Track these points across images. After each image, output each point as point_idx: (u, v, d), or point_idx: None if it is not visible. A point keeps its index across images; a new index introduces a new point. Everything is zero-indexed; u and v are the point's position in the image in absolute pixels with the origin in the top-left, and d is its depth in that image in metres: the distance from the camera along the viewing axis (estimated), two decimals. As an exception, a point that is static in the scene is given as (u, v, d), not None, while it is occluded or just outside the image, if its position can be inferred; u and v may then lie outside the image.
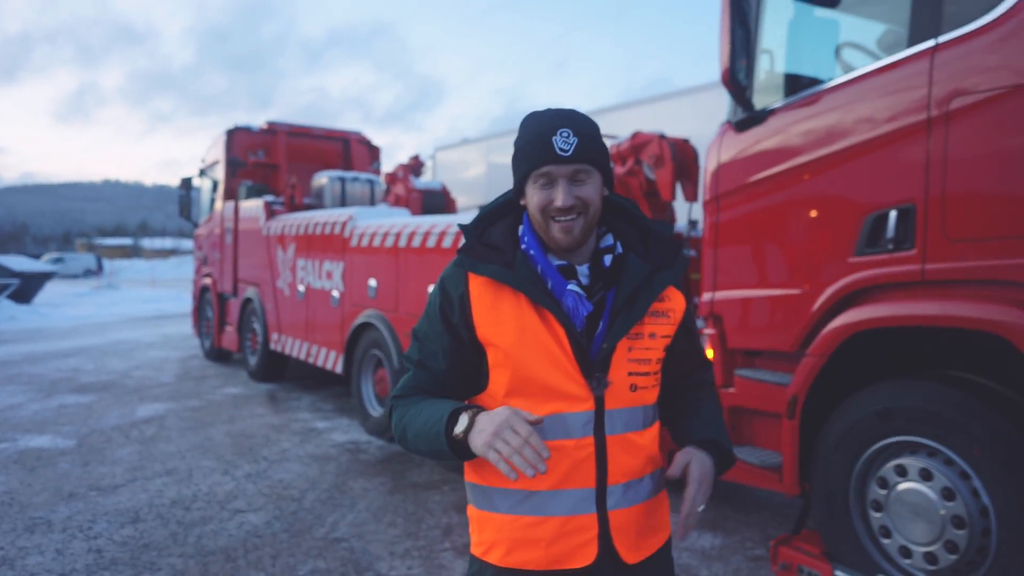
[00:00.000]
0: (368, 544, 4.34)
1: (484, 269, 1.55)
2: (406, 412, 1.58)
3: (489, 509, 1.61)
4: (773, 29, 3.65)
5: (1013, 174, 2.67)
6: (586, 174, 1.53)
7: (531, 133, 1.55)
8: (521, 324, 1.53)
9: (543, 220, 1.54)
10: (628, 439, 1.58)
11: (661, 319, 1.62)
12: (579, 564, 1.54)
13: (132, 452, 6.21)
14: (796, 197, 3.43)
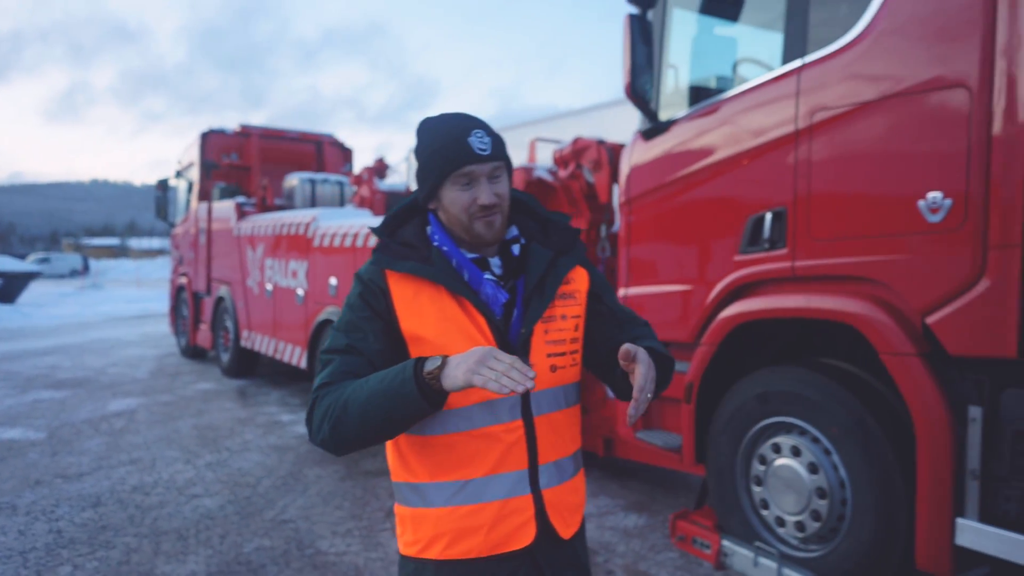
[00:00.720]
0: (313, 525, 4.64)
1: (402, 265, 1.58)
2: (342, 392, 1.50)
3: (424, 506, 1.62)
4: (679, 46, 3.97)
5: (862, 182, 3.00)
6: (501, 171, 1.61)
7: (445, 136, 1.59)
8: (443, 315, 1.57)
9: (466, 219, 1.59)
10: (554, 419, 1.63)
11: (569, 300, 1.69)
12: (520, 545, 1.58)
13: (100, 443, 6.49)
14: (692, 200, 3.76)
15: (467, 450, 1.57)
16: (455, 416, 1.57)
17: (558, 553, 1.64)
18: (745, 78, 3.78)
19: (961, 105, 2.67)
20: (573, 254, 1.71)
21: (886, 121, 2.91)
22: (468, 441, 1.57)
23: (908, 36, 2.85)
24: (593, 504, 5.03)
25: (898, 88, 2.86)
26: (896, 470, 2.91)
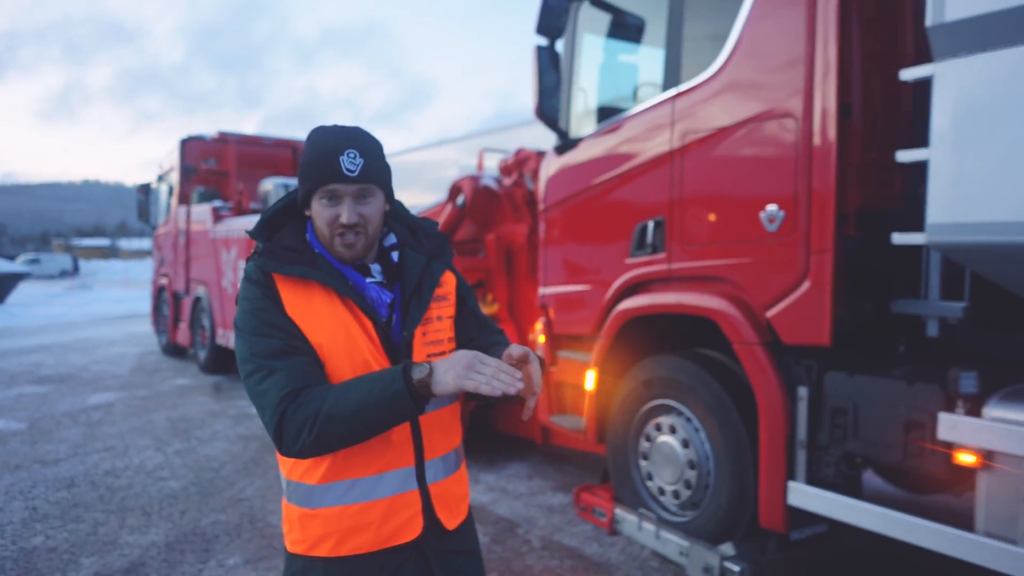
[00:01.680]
0: (267, 503, 5.11)
1: (291, 269, 1.58)
2: (319, 403, 1.50)
3: (312, 506, 1.64)
4: (588, 70, 4.45)
5: (719, 195, 3.49)
6: (370, 193, 1.62)
7: (319, 150, 1.60)
8: (333, 318, 1.60)
9: (328, 234, 1.62)
10: (438, 416, 1.70)
11: (443, 302, 1.77)
12: (408, 538, 1.64)
13: (77, 433, 6.95)
14: (594, 209, 4.24)
15: (356, 450, 1.59)
16: None
17: (444, 543, 1.71)
18: (642, 100, 4.27)
19: (790, 132, 3.17)
20: (444, 259, 1.79)
21: (736, 144, 3.40)
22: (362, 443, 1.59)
23: (752, 74, 3.34)
24: (526, 486, 5.51)
25: (744, 116, 3.35)
26: (745, 443, 3.40)
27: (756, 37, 3.34)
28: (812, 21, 3.10)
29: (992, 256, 2.65)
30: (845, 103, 3.07)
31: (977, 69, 2.58)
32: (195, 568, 4.05)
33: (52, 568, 4.02)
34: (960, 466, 2.72)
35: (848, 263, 3.10)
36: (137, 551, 4.26)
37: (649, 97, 3.93)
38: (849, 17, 3.08)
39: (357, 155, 1.59)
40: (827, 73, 3.05)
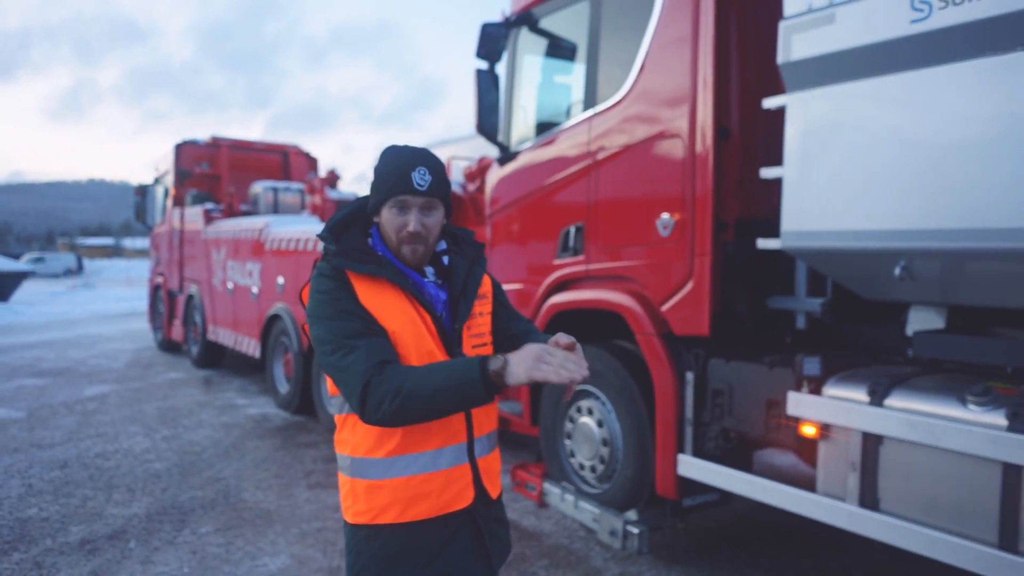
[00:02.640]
0: (242, 482, 5.61)
1: (363, 268, 1.79)
2: (401, 382, 1.65)
3: (380, 478, 1.82)
4: (527, 88, 4.94)
5: (624, 204, 3.97)
6: (434, 206, 1.84)
7: (393, 165, 1.82)
8: (401, 311, 1.79)
9: (395, 239, 1.84)
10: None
11: (483, 300, 1.99)
12: (462, 505, 1.85)
13: (73, 421, 7.45)
14: (529, 215, 4.73)
15: (422, 429, 1.80)
16: None
17: (489, 511, 1.94)
18: (570, 118, 4.75)
19: (679, 151, 3.65)
20: (482, 263, 2.02)
21: (638, 159, 3.88)
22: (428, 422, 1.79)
23: (650, 100, 3.82)
24: (481, 467, 6.00)
25: (644, 136, 3.84)
26: (647, 422, 3.88)
27: (653, 69, 3.82)
28: (695, 58, 3.58)
29: (829, 259, 3.14)
30: (723, 126, 3.55)
31: (815, 101, 3.06)
32: (171, 535, 4.55)
33: (44, 534, 4.52)
34: (805, 437, 3.20)
35: (727, 265, 3.58)
36: (120, 521, 4.76)
37: (574, 116, 4.41)
38: (728, 54, 3.57)
39: (427, 172, 1.80)
40: (706, 101, 3.53)
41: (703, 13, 3.56)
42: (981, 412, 2.64)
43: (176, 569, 4.07)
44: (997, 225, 2.54)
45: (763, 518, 4.78)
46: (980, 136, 2.58)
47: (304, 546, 4.40)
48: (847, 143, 2.98)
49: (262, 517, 4.87)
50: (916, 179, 2.75)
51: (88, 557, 4.21)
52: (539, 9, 4.69)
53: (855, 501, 2.98)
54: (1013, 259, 2.56)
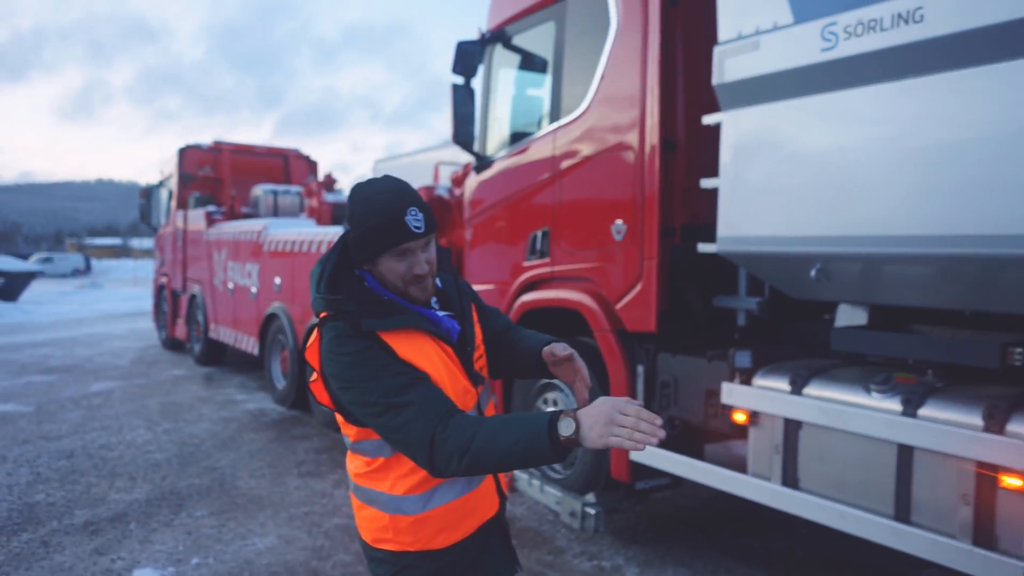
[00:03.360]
0: (237, 470, 5.96)
1: (391, 322, 1.71)
2: (468, 440, 1.59)
3: (426, 510, 1.78)
4: (500, 101, 5.26)
5: (585, 210, 4.30)
6: (431, 240, 1.78)
7: (381, 215, 1.70)
8: (434, 352, 1.76)
9: (402, 285, 1.76)
10: (491, 406, 2.00)
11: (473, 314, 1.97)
12: (494, 512, 1.90)
13: (79, 415, 7.82)
14: (501, 220, 5.06)
15: None
16: None
17: (503, 509, 1.99)
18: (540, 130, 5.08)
19: (631, 162, 3.97)
20: (457, 274, 2.01)
21: (596, 170, 4.21)
22: None
23: (606, 114, 4.14)
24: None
25: (601, 148, 4.16)
26: (604, 411, 4.20)
27: (609, 87, 4.14)
28: (644, 78, 3.91)
29: (757, 262, 3.46)
30: (669, 140, 3.87)
31: (744, 119, 3.39)
32: (168, 518, 4.89)
33: (50, 517, 4.87)
34: (737, 423, 3.52)
35: (676, 267, 3.91)
36: (122, 505, 5.11)
37: (542, 127, 4.74)
38: (675, 74, 3.90)
39: (417, 211, 1.71)
40: (653, 117, 3.86)
41: (651, 37, 3.89)
42: (881, 399, 2.96)
43: (172, 547, 4.41)
44: (900, 232, 2.85)
45: (721, 503, 5.10)
46: (882, 152, 2.90)
47: (291, 528, 4.74)
48: (770, 157, 3.30)
49: (254, 502, 5.22)
50: (827, 190, 3.07)
51: (91, 537, 4.55)
52: (511, 27, 5.01)
53: (779, 480, 3.31)
54: (915, 262, 2.88)
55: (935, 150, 2.74)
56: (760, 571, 4.12)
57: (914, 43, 2.74)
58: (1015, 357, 2.76)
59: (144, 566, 4.15)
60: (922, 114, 2.78)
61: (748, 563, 4.22)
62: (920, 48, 2.72)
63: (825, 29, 3.01)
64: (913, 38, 2.74)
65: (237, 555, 4.32)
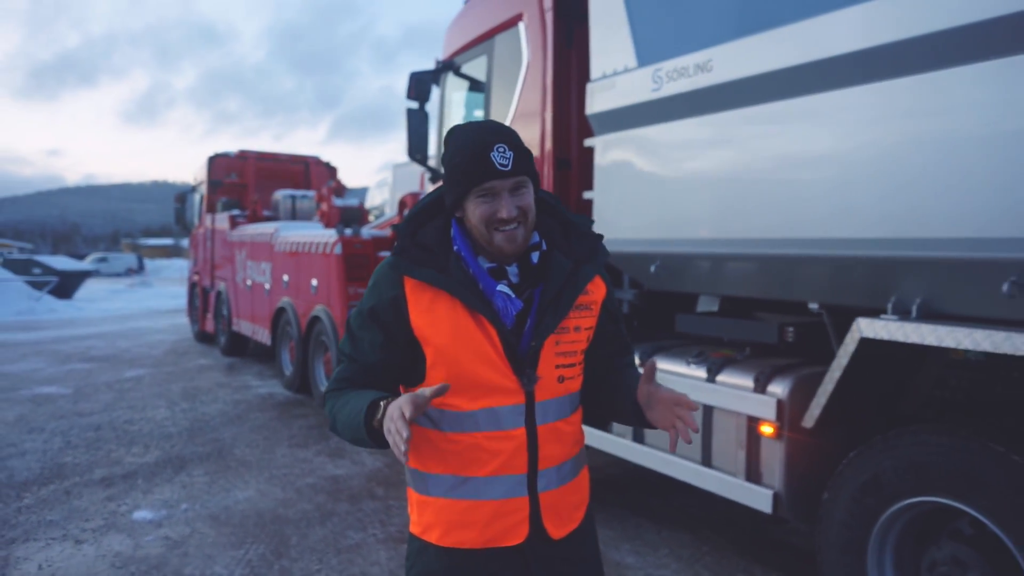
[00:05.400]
0: (236, 441, 6.89)
1: (420, 273, 1.60)
2: (335, 403, 1.64)
3: (425, 493, 1.69)
4: (452, 120, 6.08)
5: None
6: (523, 185, 1.60)
7: (467, 150, 1.58)
8: (455, 325, 1.58)
9: (486, 231, 1.59)
10: (556, 428, 1.68)
11: (584, 312, 1.71)
12: (512, 542, 1.64)
13: (110, 397, 8.87)
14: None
15: (472, 450, 1.62)
16: (464, 418, 1.62)
17: (549, 551, 1.69)
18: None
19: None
20: (594, 263, 1.73)
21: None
22: (474, 442, 1.62)
23: (521, 124, 4.93)
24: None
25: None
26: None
27: (522, 110, 4.93)
28: (543, 104, 4.69)
29: (620, 261, 4.21)
30: (563, 159, 4.65)
31: (606, 143, 4.15)
32: (170, 476, 5.83)
33: (74, 474, 5.85)
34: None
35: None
36: (134, 466, 6.07)
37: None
38: (568, 103, 4.66)
39: (506, 148, 1.57)
40: (548, 138, 4.64)
41: (547, 71, 4.67)
42: (694, 369, 3.71)
43: (168, 497, 5.34)
44: (707, 236, 3.59)
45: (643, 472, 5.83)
46: (690, 173, 3.64)
47: (270, 484, 5.63)
48: (622, 174, 4.07)
49: (244, 465, 6.13)
50: (656, 202, 3.83)
51: (104, 489, 5.51)
52: (459, 58, 5.82)
53: (631, 437, 4.07)
54: (724, 260, 3.61)
55: (730, 172, 3.48)
56: (667, 530, 4.86)
57: (708, 87, 3.48)
58: (788, 335, 3.48)
59: (143, 509, 5.07)
60: (716, 143, 3.52)
61: (655, 522, 4.96)
62: (712, 91, 3.47)
63: (655, 73, 3.77)
64: (707, 83, 3.48)
65: (219, 503, 5.22)
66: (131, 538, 4.56)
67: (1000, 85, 2.42)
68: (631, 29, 3.96)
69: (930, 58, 2.59)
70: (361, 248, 8.19)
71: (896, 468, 2.74)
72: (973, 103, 2.50)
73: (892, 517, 2.80)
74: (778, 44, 3.14)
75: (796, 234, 3.18)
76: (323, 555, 4.32)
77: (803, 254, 3.15)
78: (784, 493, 3.21)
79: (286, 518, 4.94)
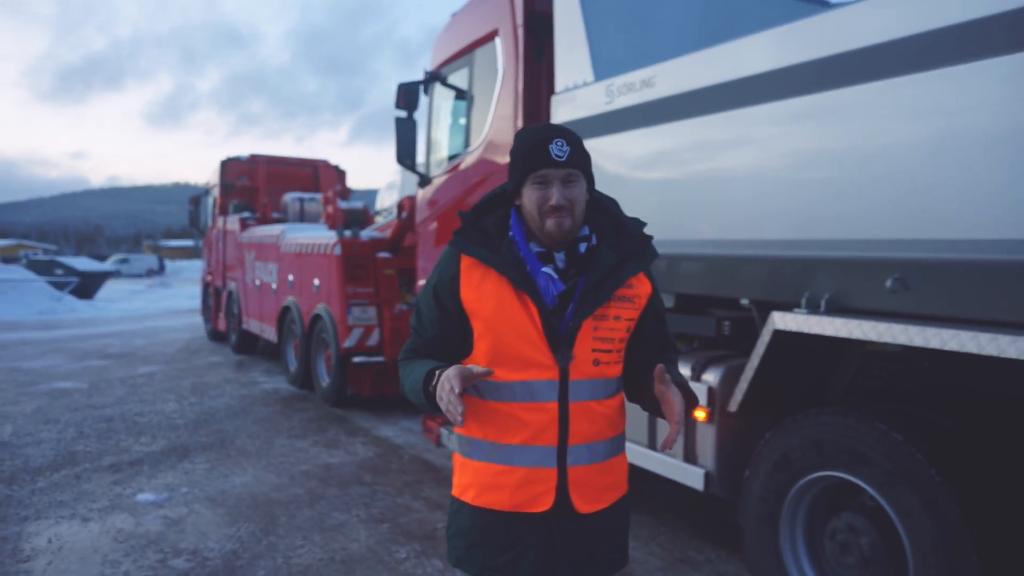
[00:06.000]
0: (238, 432, 7.27)
1: (473, 251, 1.80)
2: (403, 370, 1.89)
3: (468, 456, 1.87)
4: (439, 129, 6.42)
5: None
6: (575, 178, 1.77)
7: (529, 141, 1.79)
8: (500, 301, 1.76)
9: (538, 216, 1.76)
10: (589, 407, 1.80)
11: (626, 304, 1.84)
12: (537, 509, 1.78)
13: (123, 391, 9.30)
14: (436, 226, 6.21)
15: (508, 419, 1.78)
16: (503, 388, 1.79)
17: (574, 524, 1.82)
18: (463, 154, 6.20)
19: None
20: (641, 260, 1.88)
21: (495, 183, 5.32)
22: (510, 411, 1.78)
23: (493, 146, 5.26)
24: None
25: (490, 171, 5.28)
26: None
27: (497, 120, 5.26)
28: (516, 113, 5.01)
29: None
30: (533, 165, 4.96)
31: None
32: (173, 463, 6.22)
33: (84, 460, 6.25)
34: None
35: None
36: (141, 455, 6.47)
37: (463, 152, 5.88)
38: (539, 112, 4.98)
39: (564, 143, 1.76)
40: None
41: (519, 82, 4.99)
42: (642, 360, 4.01)
43: (170, 482, 5.72)
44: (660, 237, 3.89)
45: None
46: (636, 179, 3.96)
47: (266, 471, 6.00)
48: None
49: (243, 454, 6.51)
50: (611, 207, 4.14)
51: (112, 474, 5.90)
52: (445, 69, 6.17)
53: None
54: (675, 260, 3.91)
55: (672, 178, 3.79)
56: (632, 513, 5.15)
57: (652, 101, 3.79)
58: (725, 328, 3.78)
59: (146, 492, 5.45)
60: (660, 152, 3.83)
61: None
62: (655, 104, 3.78)
63: (608, 88, 4.09)
64: (651, 97, 3.80)
65: (217, 487, 5.59)
66: (133, 517, 4.94)
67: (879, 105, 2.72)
68: (589, 46, 4.28)
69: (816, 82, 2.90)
70: (360, 249, 8.55)
71: (801, 446, 3.04)
72: (856, 119, 2.81)
73: (800, 491, 3.10)
74: (708, 64, 3.45)
75: (726, 236, 3.49)
76: (308, 533, 4.68)
77: (732, 254, 3.46)
78: (715, 472, 3.51)
79: (278, 501, 5.30)
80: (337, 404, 8.49)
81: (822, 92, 2.92)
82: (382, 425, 7.66)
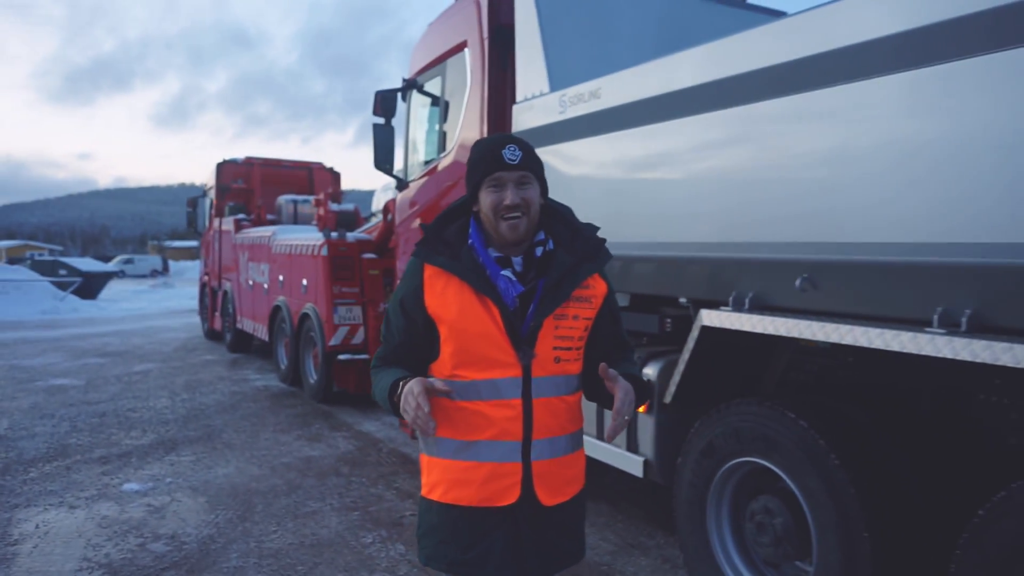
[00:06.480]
0: (225, 426, 7.52)
1: (435, 260, 1.89)
2: (374, 378, 2.00)
3: (435, 455, 1.95)
4: (416, 134, 6.66)
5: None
6: (528, 179, 1.89)
7: (484, 148, 1.91)
8: (462, 304, 1.85)
9: (494, 219, 1.87)
10: (551, 402, 1.90)
11: (584, 304, 1.94)
12: (504, 502, 1.87)
13: (118, 388, 9.57)
14: (414, 228, 6.45)
15: (474, 416, 1.86)
16: (469, 387, 1.87)
17: (539, 516, 1.92)
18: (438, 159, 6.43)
19: (476, 187, 5.33)
20: (596, 262, 1.98)
21: (458, 191, 5.56)
22: (476, 409, 1.86)
23: (463, 152, 5.49)
24: (410, 422, 7.75)
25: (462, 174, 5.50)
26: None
27: (467, 125, 5.50)
28: (482, 121, 5.25)
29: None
30: (499, 170, 5.20)
31: (529, 158, 4.70)
32: (161, 455, 6.47)
33: (76, 453, 6.51)
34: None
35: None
36: (130, 448, 6.72)
37: (438, 157, 6.12)
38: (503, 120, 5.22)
39: (516, 148, 1.88)
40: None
41: (484, 92, 5.23)
42: (592, 355, 4.24)
43: (156, 472, 5.97)
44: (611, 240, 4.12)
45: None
46: (593, 184, 4.19)
47: (248, 463, 6.25)
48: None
49: (229, 447, 6.76)
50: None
51: (101, 466, 6.16)
52: (421, 77, 6.41)
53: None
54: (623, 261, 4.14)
55: (616, 184, 4.02)
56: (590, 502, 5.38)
57: (598, 111, 4.03)
58: (667, 325, 4.01)
59: (132, 482, 5.71)
60: (606, 159, 4.07)
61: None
62: (601, 115, 4.01)
63: (561, 98, 4.32)
64: (597, 108, 4.03)
65: (200, 477, 5.84)
66: (118, 505, 5.19)
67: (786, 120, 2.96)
68: (546, 58, 4.52)
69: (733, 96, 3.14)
70: (346, 251, 8.80)
71: (724, 434, 3.27)
72: (768, 133, 3.04)
73: (724, 476, 3.33)
74: (645, 77, 3.69)
75: (667, 238, 3.72)
76: (282, 520, 4.92)
77: (672, 255, 3.69)
78: (653, 460, 3.74)
79: (256, 490, 5.55)
80: (324, 400, 8.74)
81: (740, 106, 3.15)
82: (365, 420, 7.90)
